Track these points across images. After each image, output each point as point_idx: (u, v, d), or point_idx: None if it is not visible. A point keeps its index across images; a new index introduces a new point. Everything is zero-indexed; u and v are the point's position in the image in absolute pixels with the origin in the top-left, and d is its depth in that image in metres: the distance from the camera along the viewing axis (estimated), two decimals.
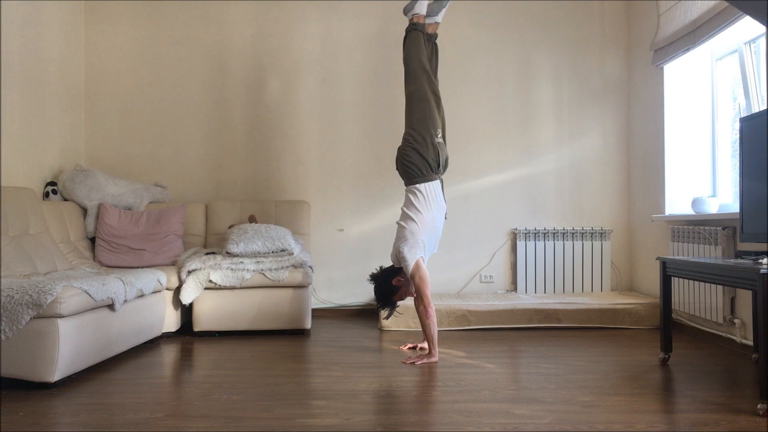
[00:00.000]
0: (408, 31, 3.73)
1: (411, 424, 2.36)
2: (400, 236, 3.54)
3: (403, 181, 3.67)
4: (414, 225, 3.50)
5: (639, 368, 3.23)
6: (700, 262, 2.97)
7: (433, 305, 3.46)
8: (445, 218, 3.67)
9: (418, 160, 3.53)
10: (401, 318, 4.29)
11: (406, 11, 3.79)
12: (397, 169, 3.67)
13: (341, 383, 2.96)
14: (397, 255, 3.50)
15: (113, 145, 5.06)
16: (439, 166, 3.58)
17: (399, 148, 3.64)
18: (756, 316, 3.13)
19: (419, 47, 3.67)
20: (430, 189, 3.53)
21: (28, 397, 2.73)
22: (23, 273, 3.46)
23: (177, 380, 3.11)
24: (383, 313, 3.74)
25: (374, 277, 3.60)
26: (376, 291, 3.60)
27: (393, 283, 3.53)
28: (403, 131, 3.66)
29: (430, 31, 3.78)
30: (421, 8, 3.72)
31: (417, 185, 3.54)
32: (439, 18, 3.81)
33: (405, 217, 3.56)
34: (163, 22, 5.08)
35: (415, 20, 3.72)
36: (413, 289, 3.54)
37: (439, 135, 3.62)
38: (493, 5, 5.14)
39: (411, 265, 3.40)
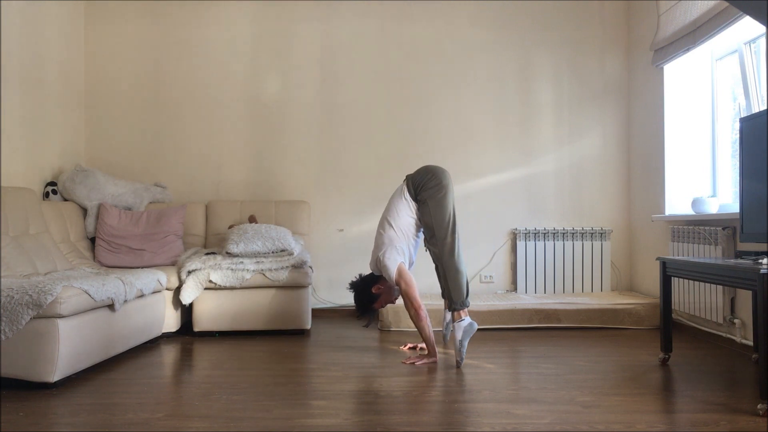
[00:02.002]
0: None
1: (411, 424, 2.36)
2: (379, 244, 3.50)
3: (402, 180, 3.63)
4: (392, 231, 3.46)
5: (639, 368, 3.23)
6: (700, 262, 2.97)
7: (424, 306, 3.42)
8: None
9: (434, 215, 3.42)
10: (401, 318, 4.29)
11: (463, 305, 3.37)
12: (410, 178, 3.53)
13: (341, 383, 2.96)
14: (377, 263, 3.47)
15: (113, 145, 5.06)
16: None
17: (425, 172, 3.48)
18: (756, 316, 3.13)
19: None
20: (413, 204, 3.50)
21: (28, 397, 2.72)
22: (23, 273, 3.46)
23: (177, 380, 3.11)
24: (363, 321, 3.71)
25: (354, 286, 3.58)
26: (356, 299, 3.58)
27: (373, 291, 3.52)
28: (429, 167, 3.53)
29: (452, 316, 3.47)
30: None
31: (410, 197, 3.48)
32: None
33: (383, 223, 3.52)
34: (163, 22, 5.09)
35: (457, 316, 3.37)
36: (395, 296, 3.52)
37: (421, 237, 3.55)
38: (493, 5, 5.15)
39: (393, 271, 3.37)
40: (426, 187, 3.43)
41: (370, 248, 4.96)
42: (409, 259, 3.54)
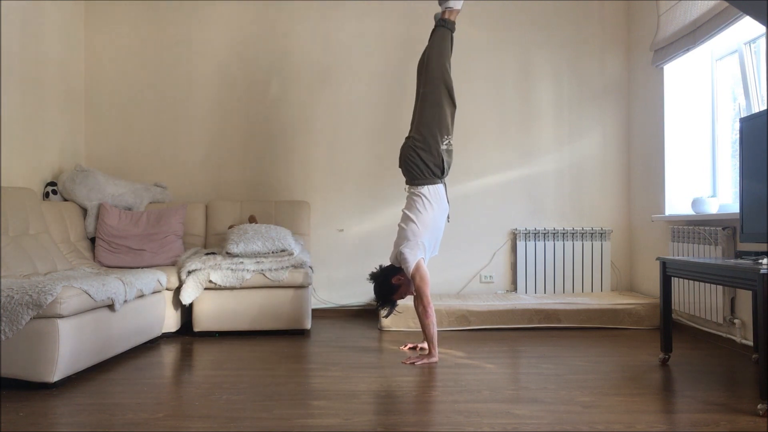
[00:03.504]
0: (438, 26, 3.61)
1: (411, 424, 2.36)
2: (401, 237, 3.54)
3: (404, 180, 3.66)
4: (414, 226, 3.50)
5: (639, 368, 3.23)
6: (700, 263, 2.97)
7: (433, 305, 3.46)
8: (448, 220, 3.67)
9: (421, 163, 3.51)
10: (401, 318, 4.29)
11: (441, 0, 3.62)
12: (400, 167, 3.66)
13: (341, 383, 2.96)
14: (398, 256, 3.49)
15: (113, 145, 5.06)
16: (442, 172, 3.57)
17: (402, 147, 3.63)
18: (756, 316, 3.13)
19: (445, 48, 3.55)
20: (432, 191, 3.53)
21: (28, 397, 2.72)
22: (23, 273, 3.46)
23: (177, 380, 3.11)
24: (383, 311, 3.74)
25: (374, 276, 3.59)
26: (376, 290, 3.59)
27: (393, 282, 3.53)
28: (409, 129, 3.65)
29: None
30: (457, 2, 3.57)
31: (419, 187, 3.53)
32: (458, 5, 3.61)
33: (405, 218, 3.55)
34: (163, 22, 5.09)
35: (447, 15, 3.59)
36: (413, 288, 3.54)
37: (448, 141, 3.57)
38: (493, 5, 5.14)
39: (412, 265, 3.40)
40: (417, 139, 3.53)
41: (370, 248, 5.00)
42: (429, 254, 3.57)
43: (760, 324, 2.46)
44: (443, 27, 3.61)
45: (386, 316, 3.81)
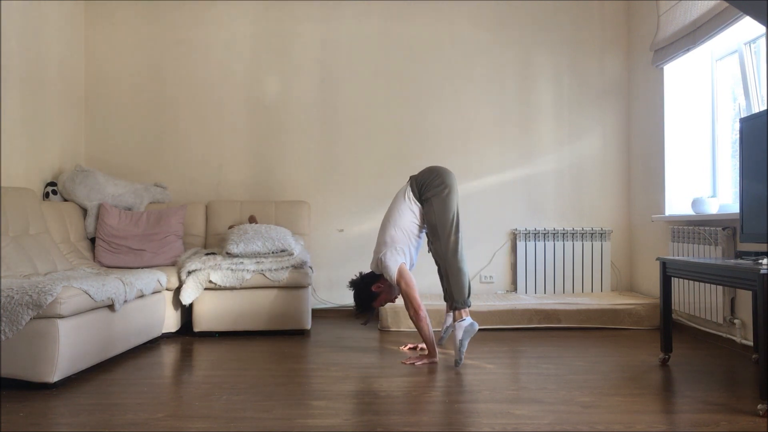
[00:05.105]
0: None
1: (411, 424, 2.36)
2: (381, 244, 3.51)
3: (404, 180, 3.64)
4: (394, 232, 3.47)
5: (639, 369, 3.23)
6: (700, 263, 2.97)
7: (424, 307, 3.40)
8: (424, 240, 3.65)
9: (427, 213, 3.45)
10: (401, 318, 4.29)
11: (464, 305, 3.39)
12: (413, 182, 3.55)
13: (341, 384, 2.96)
14: (378, 264, 3.48)
15: (113, 145, 5.06)
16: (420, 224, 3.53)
17: (435, 176, 3.47)
18: (756, 316, 3.13)
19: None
20: (413, 197, 3.51)
21: (28, 397, 2.73)
22: (23, 273, 3.46)
23: (177, 380, 3.11)
24: (361, 319, 3.71)
25: (353, 284, 3.59)
26: (356, 297, 3.58)
27: (373, 290, 3.53)
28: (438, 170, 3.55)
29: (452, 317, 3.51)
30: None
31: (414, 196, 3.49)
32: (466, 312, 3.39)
33: (385, 224, 3.54)
34: (163, 22, 5.09)
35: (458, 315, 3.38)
36: (395, 295, 3.53)
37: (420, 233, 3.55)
38: (493, 5, 5.15)
39: (395, 272, 3.38)
40: (430, 186, 3.44)
41: (370, 248, 4.95)
42: (410, 260, 3.54)
43: (760, 324, 2.46)
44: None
45: (365, 323, 3.81)
